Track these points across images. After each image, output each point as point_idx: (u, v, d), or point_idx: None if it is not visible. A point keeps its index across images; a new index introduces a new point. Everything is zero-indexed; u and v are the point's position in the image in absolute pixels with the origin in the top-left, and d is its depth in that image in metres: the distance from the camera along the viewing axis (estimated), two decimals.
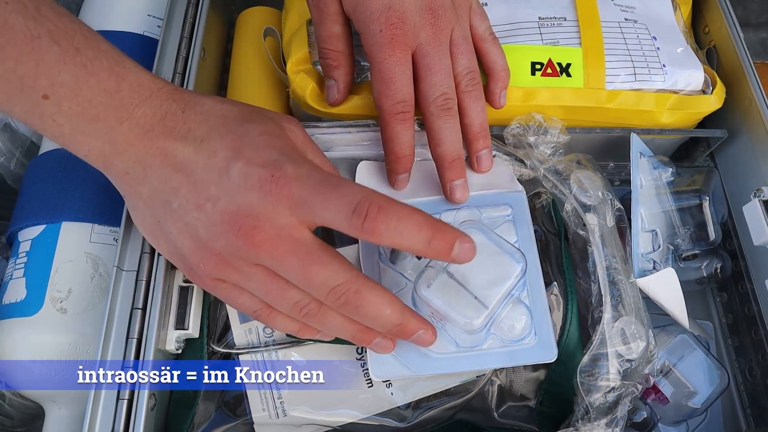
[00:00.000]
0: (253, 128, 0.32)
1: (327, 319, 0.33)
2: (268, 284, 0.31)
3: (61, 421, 0.41)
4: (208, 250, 0.31)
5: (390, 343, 0.35)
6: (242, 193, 0.29)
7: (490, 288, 0.35)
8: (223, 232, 0.30)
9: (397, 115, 0.38)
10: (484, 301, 0.34)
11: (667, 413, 0.43)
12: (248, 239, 0.29)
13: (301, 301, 0.32)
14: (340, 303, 0.31)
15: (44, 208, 0.43)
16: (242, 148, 0.30)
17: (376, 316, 0.32)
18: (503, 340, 0.37)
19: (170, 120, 0.31)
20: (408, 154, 0.40)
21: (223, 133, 0.31)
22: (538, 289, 0.38)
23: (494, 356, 0.37)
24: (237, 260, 0.31)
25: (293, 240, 0.30)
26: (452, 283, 0.35)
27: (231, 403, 0.41)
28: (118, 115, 0.30)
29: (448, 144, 0.39)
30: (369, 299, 0.31)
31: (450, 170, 0.40)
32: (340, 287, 0.30)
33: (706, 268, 0.48)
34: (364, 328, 0.34)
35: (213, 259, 0.31)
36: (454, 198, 0.40)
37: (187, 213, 0.31)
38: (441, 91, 0.39)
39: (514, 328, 0.37)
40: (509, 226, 0.40)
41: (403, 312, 0.32)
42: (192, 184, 0.30)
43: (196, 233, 0.31)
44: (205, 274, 0.32)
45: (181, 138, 0.31)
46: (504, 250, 0.36)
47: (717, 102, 0.47)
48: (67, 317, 0.40)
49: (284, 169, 0.29)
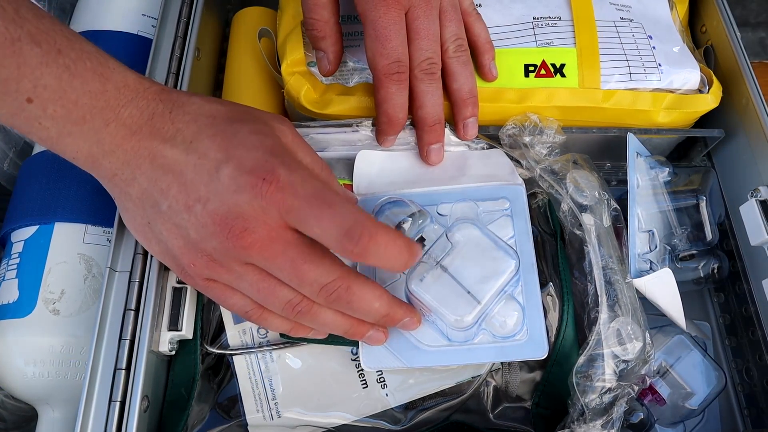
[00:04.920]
0: (242, 128, 0.31)
1: (319, 317, 0.33)
2: (259, 284, 0.31)
3: (54, 423, 0.41)
4: (198, 251, 0.31)
5: (382, 335, 0.36)
6: (232, 195, 0.29)
7: (483, 283, 0.35)
8: (213, 234, 0.30)
9: (393, 75, 0.39)
10: (476, 296, 0.34)
11: (664, 414, 0.43)
12: (239, 241, 0.29)
13: (293, 299, 0.32)
14: (332, 299, 0.31)
15: (37, 209, 0.42)
16: (232, 149, 0.30)
17: (368, 310, 0.32)
18: (494, 336, 0.37)
19: (158, 121, 0.31)
20: (401, 117, 0.40)
21: (213, 134, 0.31)
22: (532, 286, 0.38)
23: (485, 351, 0.37)
24: (228, 261, 0.31)
25: (284, 241, 0.30)
26: (445, 277, 0.35)
27: (225, 404, 0.41)
28: (104, 116, 0.30)
29: (429, 107, 0.40)
30: (360, 294, 0.31)
31: (429, 133, 0.41)
32: (332, 284, 0.31)
33: (703, 269, 0.48)
34: (357, 322, 0.34)
35: (203, 260, 0.31)
36: (430, 160, 0.42)
37: (177, 214, 0.30)
38: (427, 56, 0.39)
39: (505, 324, 0.37)
40: (506, 220, 0.40)
41: (390, 303, 0.33)
42: (182, 185, 0.30)
43: (187, 234, 0.31)
44: (197, 274, 0.32)
45: (169, 139, 0.31)
46: (498, 247, 0.36)
47: (714, 101, 0.47)
48: (60, 318, 0.40)
49: (276, 173, 0.29)
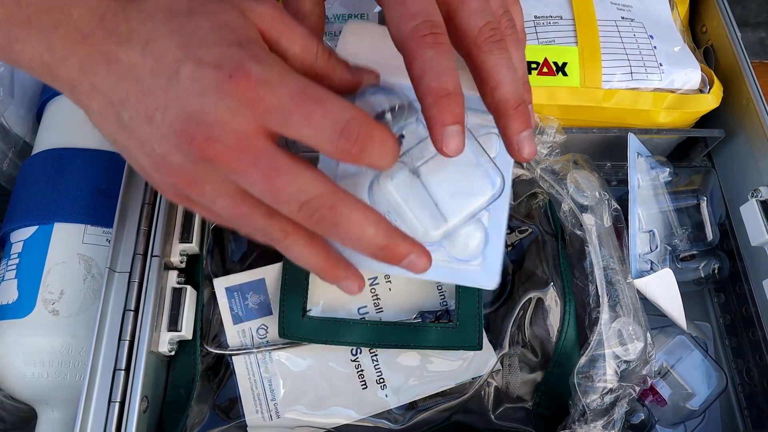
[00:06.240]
0: (205, 21, 0.27)
1: (294, 249, 0.29)
2: (232, 208, 0.28)
3: (54, 424, 0.40)
4: (166, 168, 0.27)
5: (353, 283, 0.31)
6: (194, 99, 0.25)
7: (456, 201, 0.31)
8: (175, 146, 0.26)
9: (425, 37, 0.28)
10: (445, 214, 0.31)
11: (664, 415, 0.43)
12: (203, 151, 0.25)
13: (267, 229, 0.28)
14: (314, 221, 0.26)
15: (36, 209, 0.42)
16: (193, 46, 0.26)
17: (359, 237, 0.27)
18: (450, 256, 0.33)
19: (110, 20, 0.27)
20: (455, 88, 0.28)
21: (170, 31, 0.27)
22: (500, 213, 0.34)
23: (435, 270, 0.31)
24: (196, 178, 0.27)
25: (255, 149, 0.26)
26: (417, 184, 0.31)
27: (224, 405, 0.41)
28: (52, 17, 0.26)
29: (508, 84, 0.30)
30: (348, 216, 0.26)
31: (515, 118, 0.30)
32: (313, 201, 0.26)
33: (704, 269, 0.47)
34: (334, 263, 0.30)
35: (173, 178, 0.27)
36: (523, 154, 0.31)
37: (139, 127, 0.27)
38: (486, 19, 0.30)
39: (467, 247, 0.33)
40: (491, 138, 0.35)
41: (390, 232, 0.28)
42: (140, 93, 0.26)
43: (152, 150, 0.27)
44: (174, 195, 0.29)
45: (124, 40, 0.26)
46: (482, 167, 0.31)
47: (714, 101, 0.47)
48: (60, 319, 0.40)
49: (245, 67, 0.25)
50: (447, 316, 0.40)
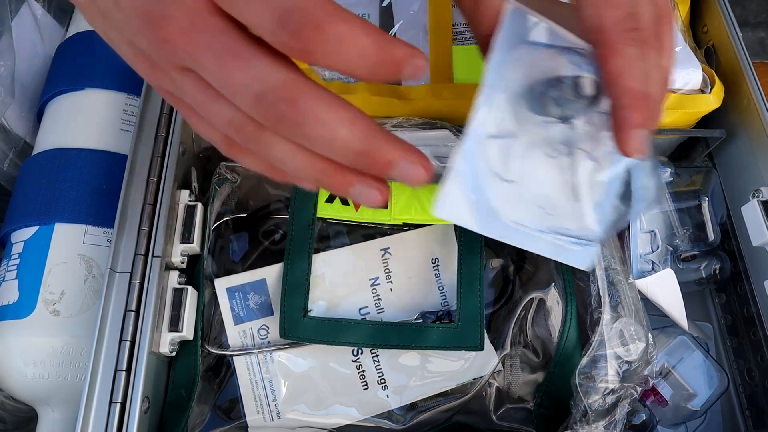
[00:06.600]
0: None
1: (272, 147, 0.24)
2: (196, 95, 0.25)
3: (54, 424, 0.40)
4: (138, 55, 0.25)
5: (375, 191, 0.24)
6: None
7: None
8: (138, 29, 0.24)
9: (631, 32, 0.26)
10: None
11: (666, 415, 0.43)
12: (159, 31, 0.23)
13: (234, 118, 0.24)
14: (273, 117, 0.22)
15: (37, 210, 0.42)
16: None
17: (330, 139, 0.22)
18: (566, 235, 0.30)
19: None
20: (655, 93, 0.26)
21: None
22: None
23: (542, 243, 0.29)
24: (163, 64, 0.25)
25: (209, 28, 0.23)
26: None
27: (225, 406, 0.41)
28: None
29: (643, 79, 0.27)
30: (313, 112, 0.21)
31: (637, 110, 0.26)
32: (270, 94, 0.22)
33: (705, 269, 0.47)
34: (328, 166, 0.24)
35: (145, 64, 0.25)
36: (628, 148, 0.27)
37: (110, 13, 0.25)
38: (627, 10, 0.26)
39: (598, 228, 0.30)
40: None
41: (370, 132, 0.22)
42: None
43: (126, 37, 0.25)
44: (154, 86, 0.27)
45: None
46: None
47: (715, 101, 0.47)
48: (61, 319, 0.40)
49: None
50: (448, 316, 0.40)
